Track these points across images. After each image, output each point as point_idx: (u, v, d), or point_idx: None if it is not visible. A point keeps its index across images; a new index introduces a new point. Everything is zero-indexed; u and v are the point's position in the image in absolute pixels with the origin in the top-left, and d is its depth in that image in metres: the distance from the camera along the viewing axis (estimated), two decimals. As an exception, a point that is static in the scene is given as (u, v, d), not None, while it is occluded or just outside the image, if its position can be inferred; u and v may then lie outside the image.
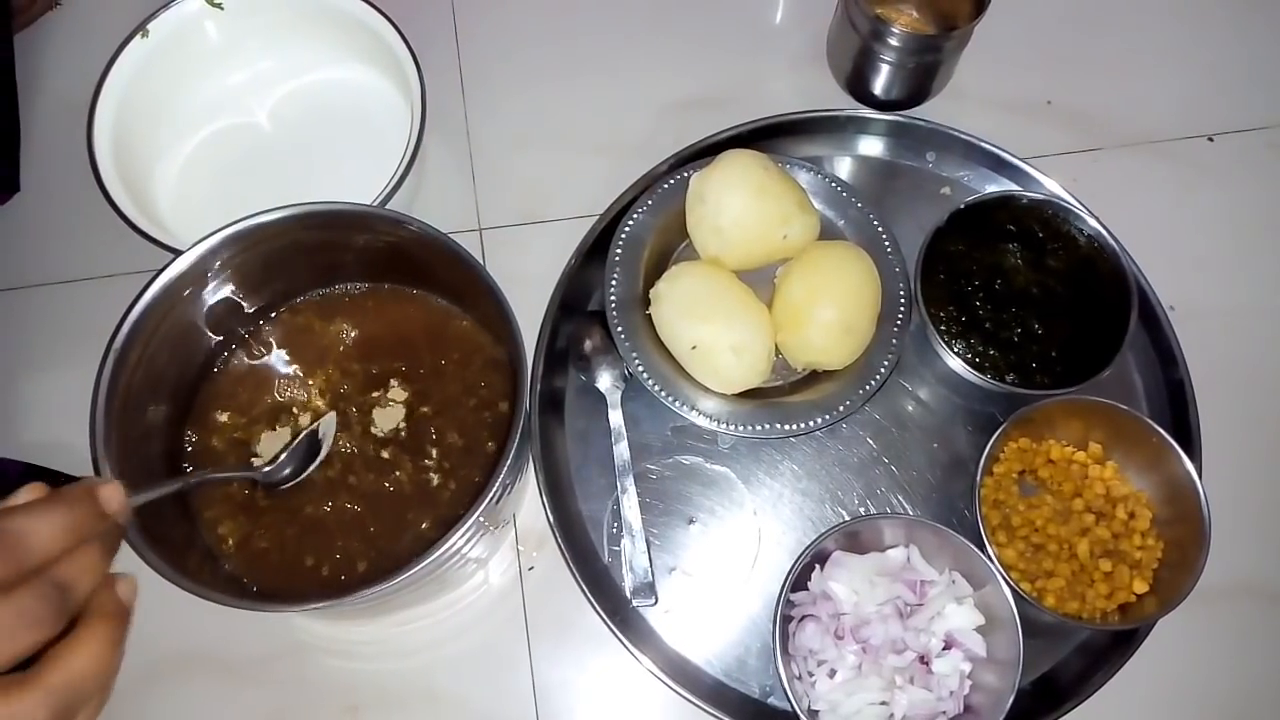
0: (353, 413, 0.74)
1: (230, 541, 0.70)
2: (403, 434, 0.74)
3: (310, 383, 0.75)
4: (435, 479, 0.73)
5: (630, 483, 0.80)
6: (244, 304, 0.74)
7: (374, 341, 0.77)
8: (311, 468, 0.71)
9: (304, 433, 0.71)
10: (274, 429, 0.74)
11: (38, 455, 0.81)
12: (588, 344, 0.84)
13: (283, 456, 0.70)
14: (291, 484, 0.71)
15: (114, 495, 0.42)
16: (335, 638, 0.79)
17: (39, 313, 0.89)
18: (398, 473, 0.73)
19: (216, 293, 0.71)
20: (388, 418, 0.74)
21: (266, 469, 0.70)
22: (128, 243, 0.79)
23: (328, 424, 0.73)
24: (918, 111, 0.94)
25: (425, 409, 0.74)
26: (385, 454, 0.73)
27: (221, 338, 0.74)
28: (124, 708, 0.77)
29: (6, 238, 0.91)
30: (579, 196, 0.91)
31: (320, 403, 0.75)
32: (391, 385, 0.75)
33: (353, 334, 0.77)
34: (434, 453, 0.73)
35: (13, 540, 0.37)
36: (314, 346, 0.76)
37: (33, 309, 0.89)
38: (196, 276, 0.68)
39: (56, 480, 0.80)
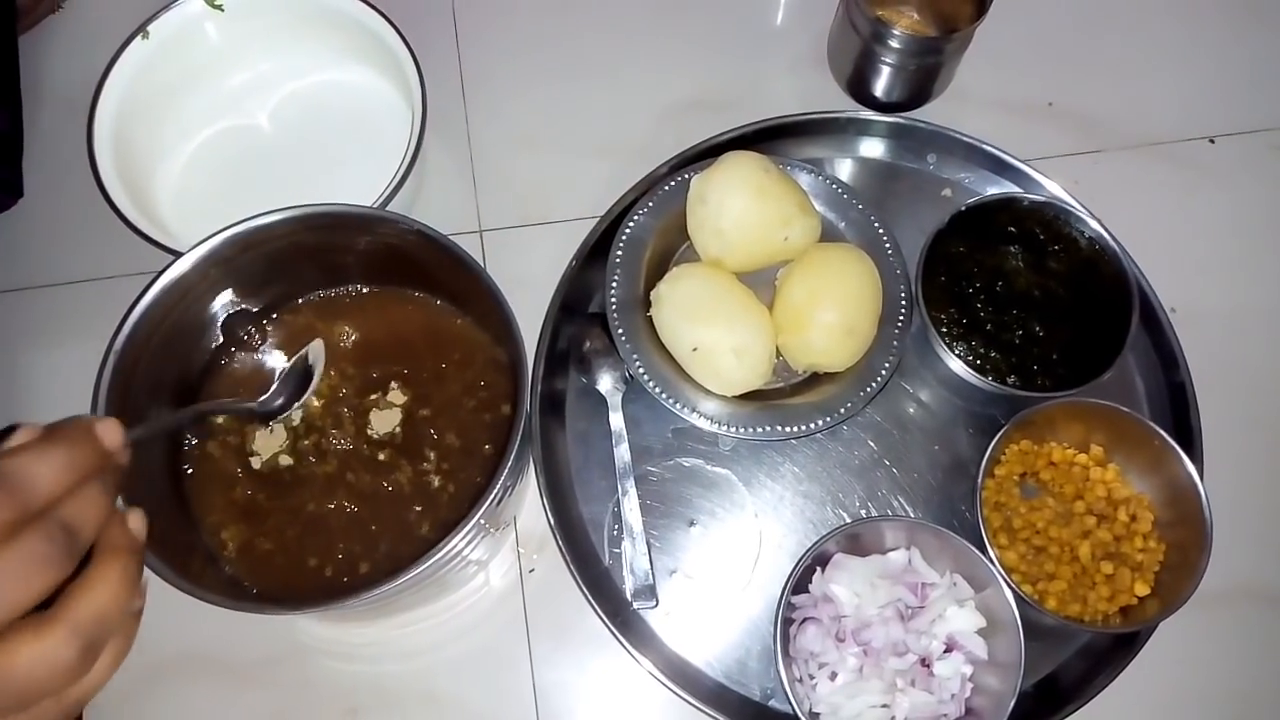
0: (351, 415, 0.74)
1: (231, 546, 0.70)
2: (400, 437, 0.74)
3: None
4: (435, 481, 0.73)
5: (631, 485, 0.79)
6: (248, 308, 0.74)
7: (374, 343, 0.76)
8: (306, 394, 0.70)
9: (293, 360, 0.71)
10: (269, 428, 0.74)
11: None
12: (588, 346, 0.83)
13: (275, 387, 0.70)
14: (286, 414, 0.70)
15: (111, 431, 0.42)
16: (336, 640, 0.79)
17: (42, 314, 0.89)
18: (397, 475, 0.73)
19: (223, 300, 0.71)
20: (386, 420, 0.74)
21: (261, 399, 0.69)
22: (129, 245, 0.79)
23: (316, 351, 0.72)
24: (919, 113, 0.94)
25: (425, 411, 0.74)
26: (384, 456, 0.73)
27: (222, 340, 0.74)
28: (125, 709, 0.77)
29: (9, 239, 0.91)
30: (580, 198, 0.91)
31: (317, 404, 0.74)
32: (391, 387, 0.75)
33: (353, 336, 0.77)
34: (434, 455, 0.73)
35: (15, 483, 0.36)
36: (314, 348, 0.76)
37: (36, 311, 0.89)
38: (197, 278, 0.68)
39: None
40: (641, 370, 0.79)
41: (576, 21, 1.01)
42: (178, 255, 0.67)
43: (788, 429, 0.78)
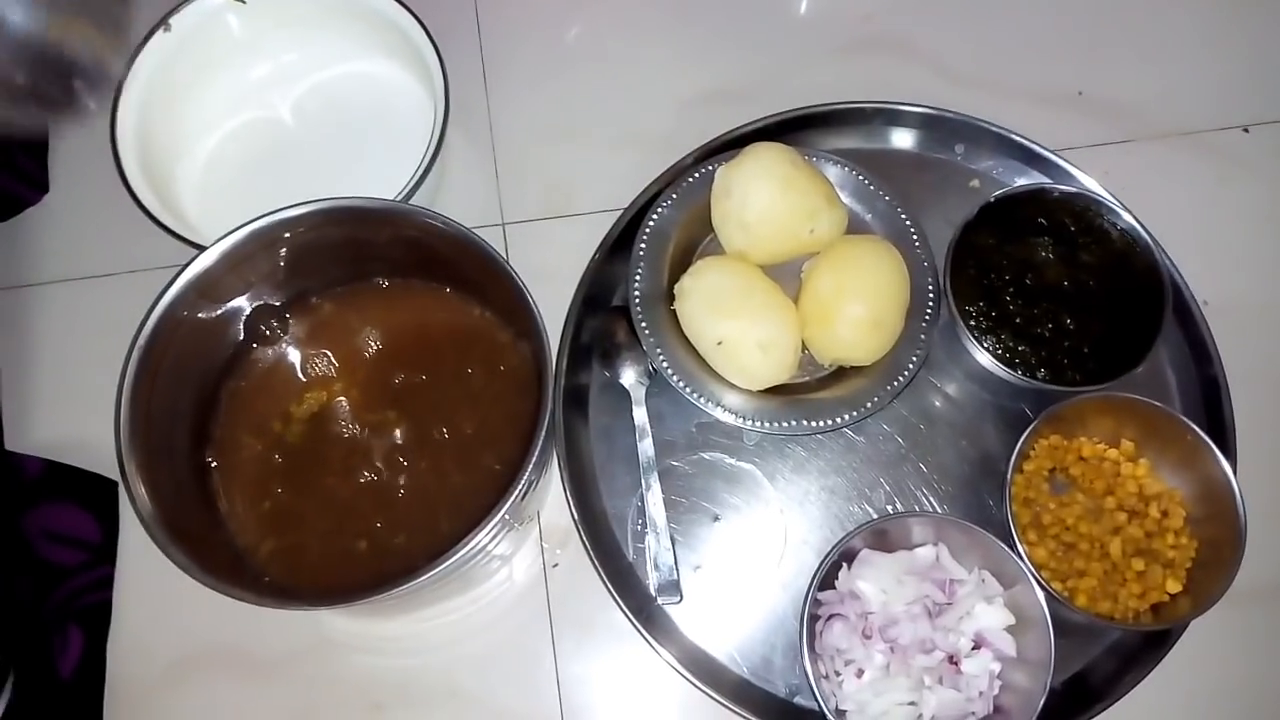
0: (377, 407, 0.74)
1: (259, 539, 0.70)
2: (427, 430, 0.73)
3: (332, 374, 0.75)
4: (459, 476, 0.72)
5: (654, 479, 0.79)
6: (272, 302, 0.74)
7: (398, 337, 0.76)
8: None
9: None
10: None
11: (59, 452, 0.82)
12: (612, 340, 0.83)
13: None
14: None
15: None
16: (361, 634, 0.79)
17: (68, 309, 0.89)
18: (423, 468, 0.72)
19: (247, 294, 0.71)
20: (411, 414, 0.74)
21: None
22: (153, 239, 0.78)
23: None
24: (945, 104, 0.92)
25: (449, 405, 0.74)
26: (409, 451, 0.73)
27: (245, 334, 0.74)
28: (151, 703, 0.77)
29: (35, 234, 0.91)
30: (603, 190, 0.91)
31: (342, 395, 0.74)
32: (417, 379, 0.75)
33: (377, 330, 0.76)
34: (457, 449, 0.73)
35: None
36: (337, 340, 0.76)
37: (62, 305, 0.89)
38: (221, 272, 0.68)
39: (76, 478, 0.81)
40: (665, 364, 0.78)
41: (599, 11, 1.00)
42: (202, 249, 0.67)
43: (813, 423, 0.78)
